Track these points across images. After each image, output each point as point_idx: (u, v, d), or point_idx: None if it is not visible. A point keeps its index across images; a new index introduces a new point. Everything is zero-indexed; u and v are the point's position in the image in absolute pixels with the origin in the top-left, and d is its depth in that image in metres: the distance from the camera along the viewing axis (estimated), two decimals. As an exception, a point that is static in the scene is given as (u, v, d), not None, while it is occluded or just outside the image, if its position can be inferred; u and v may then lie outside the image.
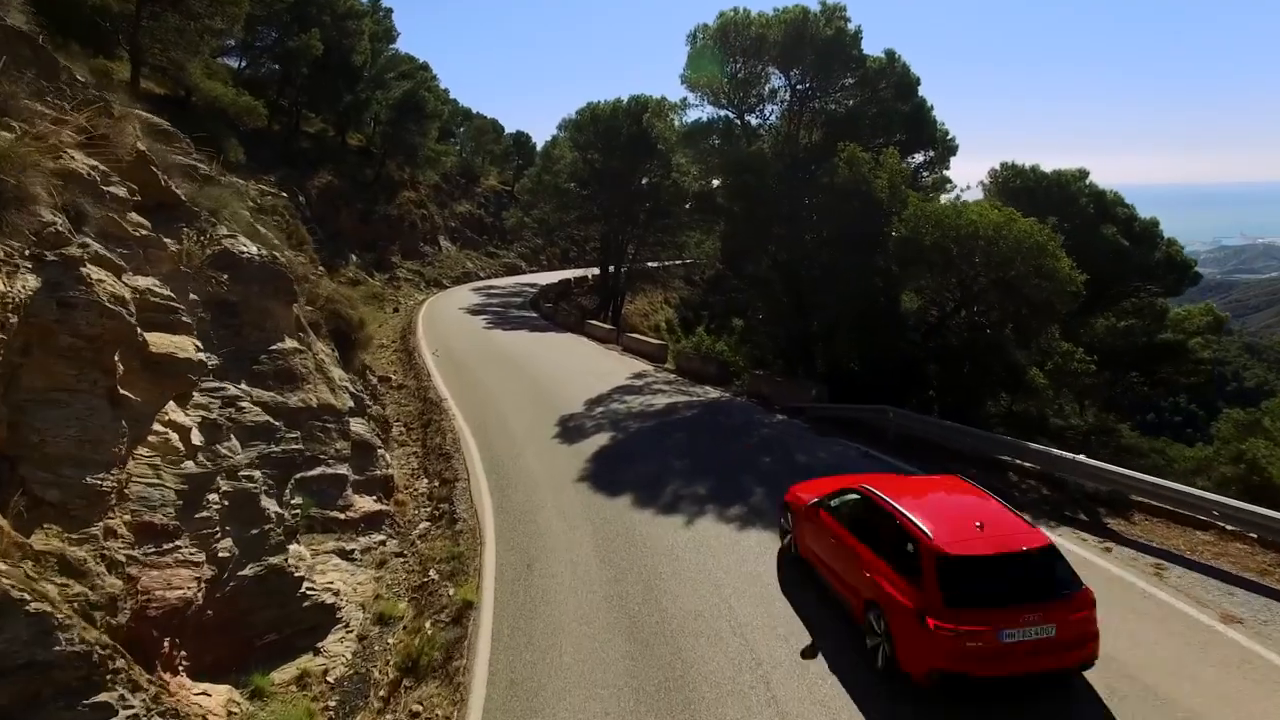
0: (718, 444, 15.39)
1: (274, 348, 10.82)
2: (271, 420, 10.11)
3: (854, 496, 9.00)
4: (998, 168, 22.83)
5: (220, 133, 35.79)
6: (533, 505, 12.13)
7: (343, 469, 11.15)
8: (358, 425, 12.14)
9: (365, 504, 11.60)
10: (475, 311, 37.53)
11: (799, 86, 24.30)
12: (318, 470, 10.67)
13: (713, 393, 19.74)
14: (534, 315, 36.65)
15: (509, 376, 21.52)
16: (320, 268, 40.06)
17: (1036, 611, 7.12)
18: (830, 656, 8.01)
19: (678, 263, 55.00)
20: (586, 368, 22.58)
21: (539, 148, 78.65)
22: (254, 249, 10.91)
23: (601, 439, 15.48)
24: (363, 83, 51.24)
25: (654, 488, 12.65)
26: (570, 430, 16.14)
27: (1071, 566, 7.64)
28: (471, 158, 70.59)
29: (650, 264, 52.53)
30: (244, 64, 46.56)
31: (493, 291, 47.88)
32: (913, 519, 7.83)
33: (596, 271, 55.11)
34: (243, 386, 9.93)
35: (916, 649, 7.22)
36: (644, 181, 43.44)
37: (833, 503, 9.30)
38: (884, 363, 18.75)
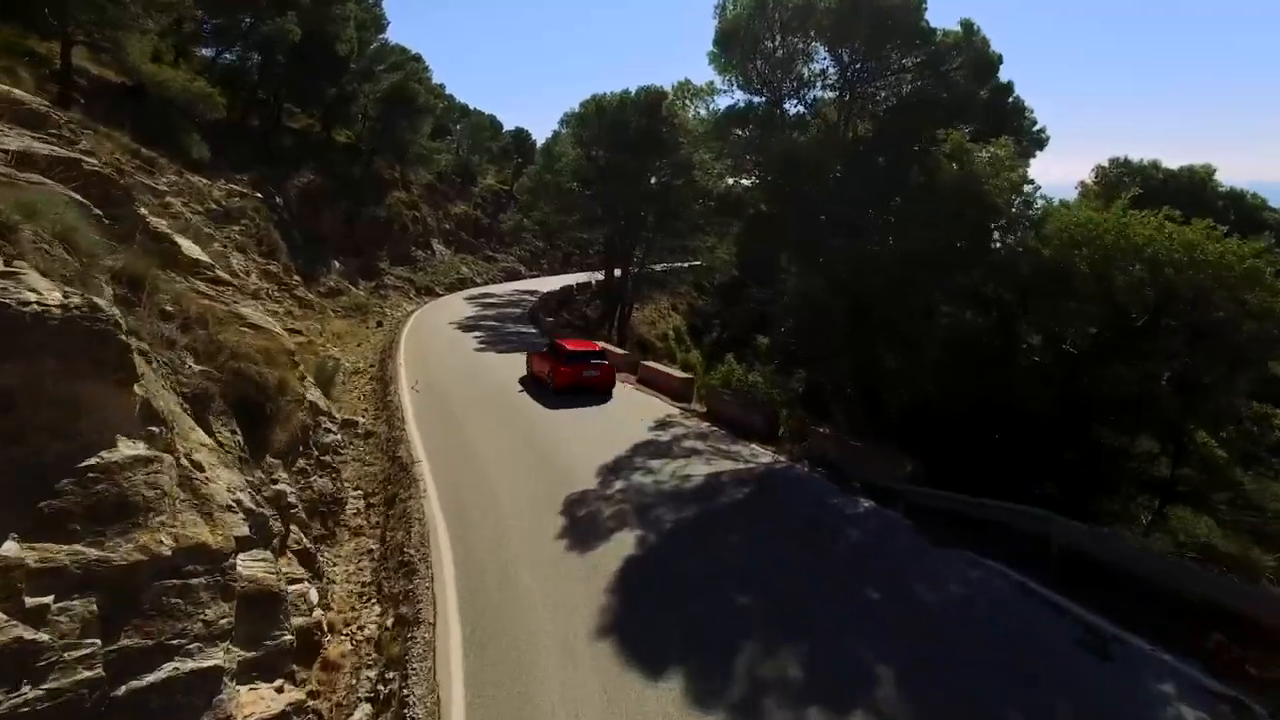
0: (792, 557, 10.61)
1: (90, 463, 6.34)
2: (68, 606, 5.62)
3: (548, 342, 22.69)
4: (1105, 164, 18.17)
5: (178, 125, 31.09)
6: (528, 690, 7.54)
7: (215, 655, 6.63)
8: (253, 565, 7.60)
9: (261, 702, 7.08)
10: (467, 327, 32.83)
11: (853, 66, 19.65)
12: (162, 672, 6.18)
13: (762, 455, 14.95)
14: (533, 332, 32.00)
15: (501, 422, 16.86)
16: (295, 277, 35.51)
17: (594, 368, 20.33)
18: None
19: (684, 265, 50.32)
20: (599, 414, 17.88)
21: (539, 145, 74.06)
22: (52, 295, 6.30)
23: (626, 542, 10.78)
24: (349, 74, 46.53)
25: (716, 660, 8.02)
26: (581, 524, 11.42)
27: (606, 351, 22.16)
28: (468, 156, 65.81)
29: (656, 266, 47.95)
30: (218, 52, 41.98)
31: (489, 301, 43.17)
32: (563, 345, 21.16)
33: (600, 276, 50.55)
34: (8, 545, 5.46)
35: (559, 380, 20.04)
36: (653, 181, 38.79)
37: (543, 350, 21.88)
38: (993, 422, 14.13)
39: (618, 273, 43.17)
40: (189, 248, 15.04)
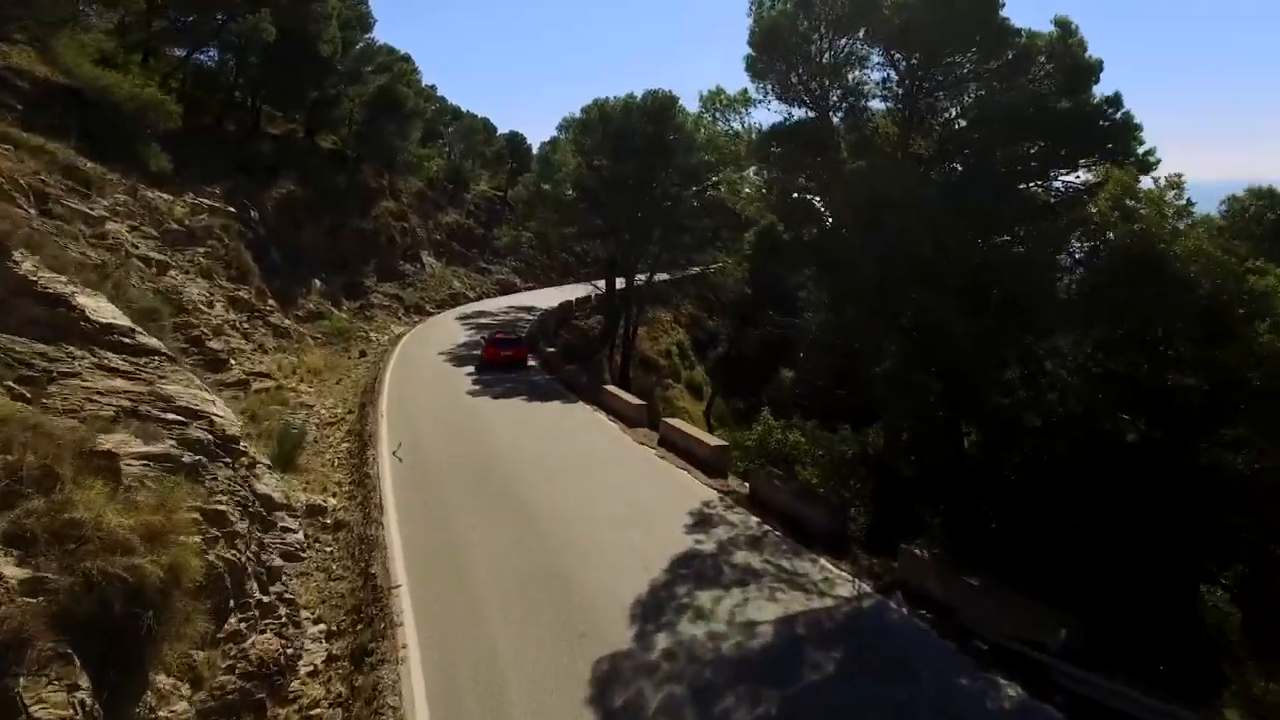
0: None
1: None
2: None
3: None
4: (1241, 195, 14.85)
5: (135, 135, 27.40)
6: None
7: None
8: None
9: None
10: (459, 358, 29.25)
11: (918, 73, 16.28)
12: None
13: (837, 579, 11.27)
14: (533, 365, 28.52)
15: (501, 524, 13.18)
16: (270, 301, 31.89)
17: (509, 349, 28.67)
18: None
19: (683, 275, 46.74)
20: (620, 500, 14.24)
21: (535, 150, 70.41)
22: None
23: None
24: (332, 76, 42.91)
25: None
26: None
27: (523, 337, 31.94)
28: (460, 161, 62.17)
29: (660, 277, 44.31)
30: (189, 52, 38.34)
31: (483, 323, 39.65)
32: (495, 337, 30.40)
33: (599, 286, 47.20)
34: None
35: (483, 358, 28.78)
36: (660, 191, 35.36)
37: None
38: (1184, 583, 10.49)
39: (620, 283, 39.75)
40: (98, 308, 11.54)
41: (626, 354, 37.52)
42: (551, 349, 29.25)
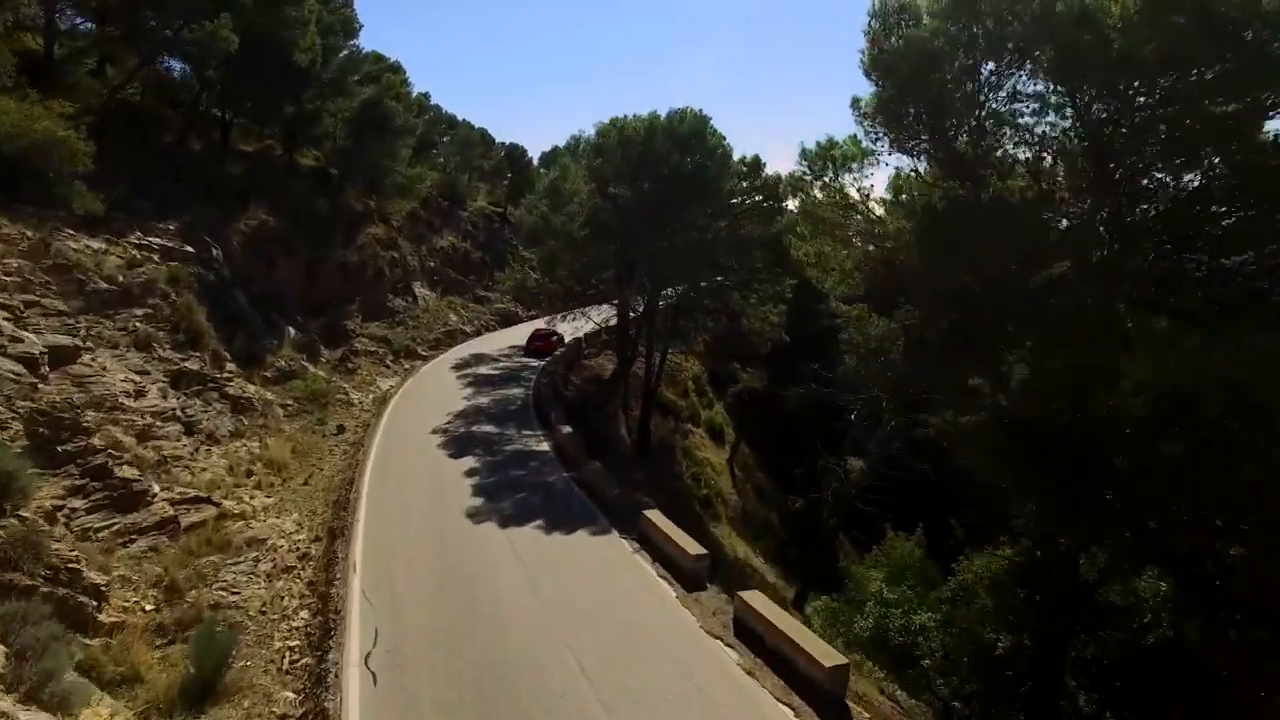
0: None
1: None
2: None
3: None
4: None
5: (50, 168, 21.92)
6: None
7: None
8: None
9: None
10: (457, 441, 23.82)
11: (1121, 119, 11.11)
12: None
13: None
14: (546, 449, 23.12)
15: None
16: (229, 366, 26.47)
17: (541, 341, 39.57)
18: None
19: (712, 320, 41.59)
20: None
21: (535, 161, 64.98)
22: None
23: None
24: (311, 89, 37.48)
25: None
26: None
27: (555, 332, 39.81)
28: (456, 175, 56.75)
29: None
30: (140, 63, 32.84)
31: (482, 374, 34.33)
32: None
33: (609, 312, 42.01)
34: None
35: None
36: (687, 223, 30.09)
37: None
38: None
39: (634, 311, 34.58)
40: None
41: (648, 409, 32.30)
42: (567, 428, 23.83)
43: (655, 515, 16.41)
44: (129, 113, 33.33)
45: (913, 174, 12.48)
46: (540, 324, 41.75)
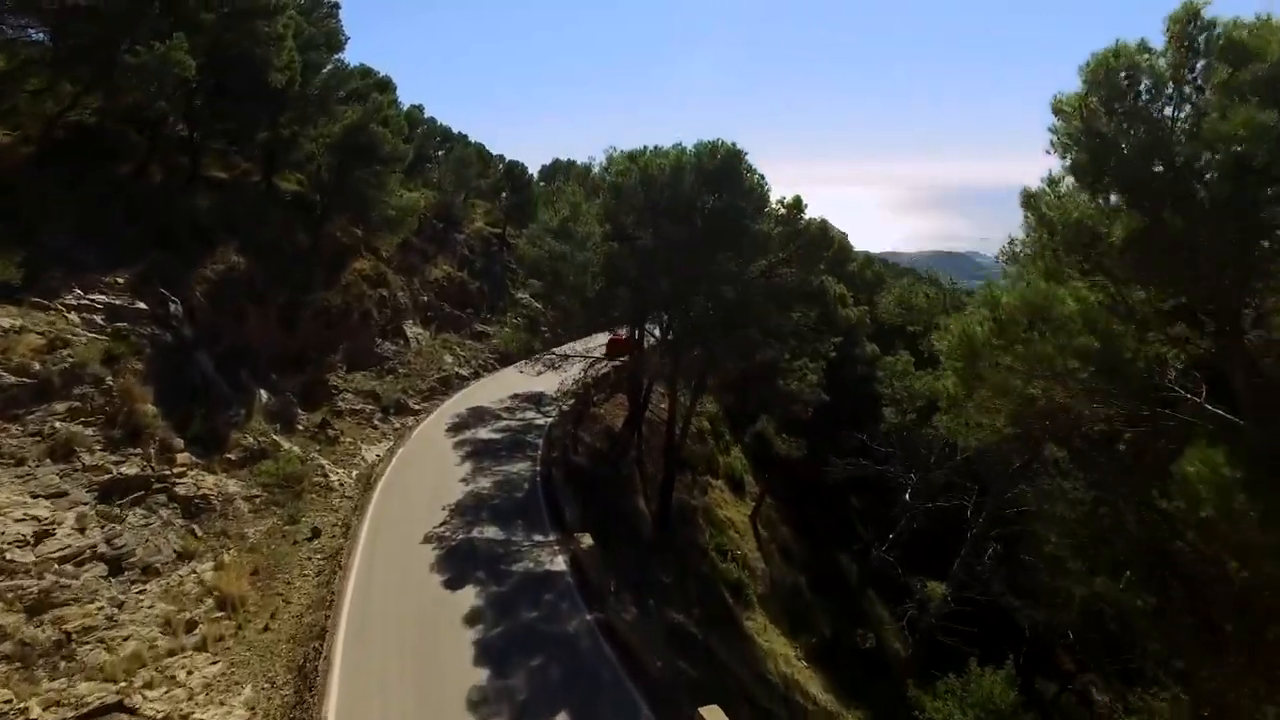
0: None
1: None
2: None
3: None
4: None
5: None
6: None
7: None
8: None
9: None
10: (453, 551, 19.62)
11: None
12: None
13: None
14: (563, 568, 18.90)
15: None
16: (179, 455, 22.07)
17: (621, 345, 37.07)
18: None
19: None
20: None
21: (535, 176, 60.89)
22: None
23: None
24: (291, 109, 33.27)
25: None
26: None
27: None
28: (452, 196, 52.45)
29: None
30: (85, 86, 28.53)
31: (481, 436, 30.14)
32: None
33: (616, 339, 38.03)
34: None
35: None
36: (719, 271, 25.93)
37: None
38: None
39: (648, 338, 30.64)
40: None
41: (670, 478, 28.17)
42: (587, 540, 19.58)
43: (712, 716, 12.27)
44: (82, 138, 29.11)
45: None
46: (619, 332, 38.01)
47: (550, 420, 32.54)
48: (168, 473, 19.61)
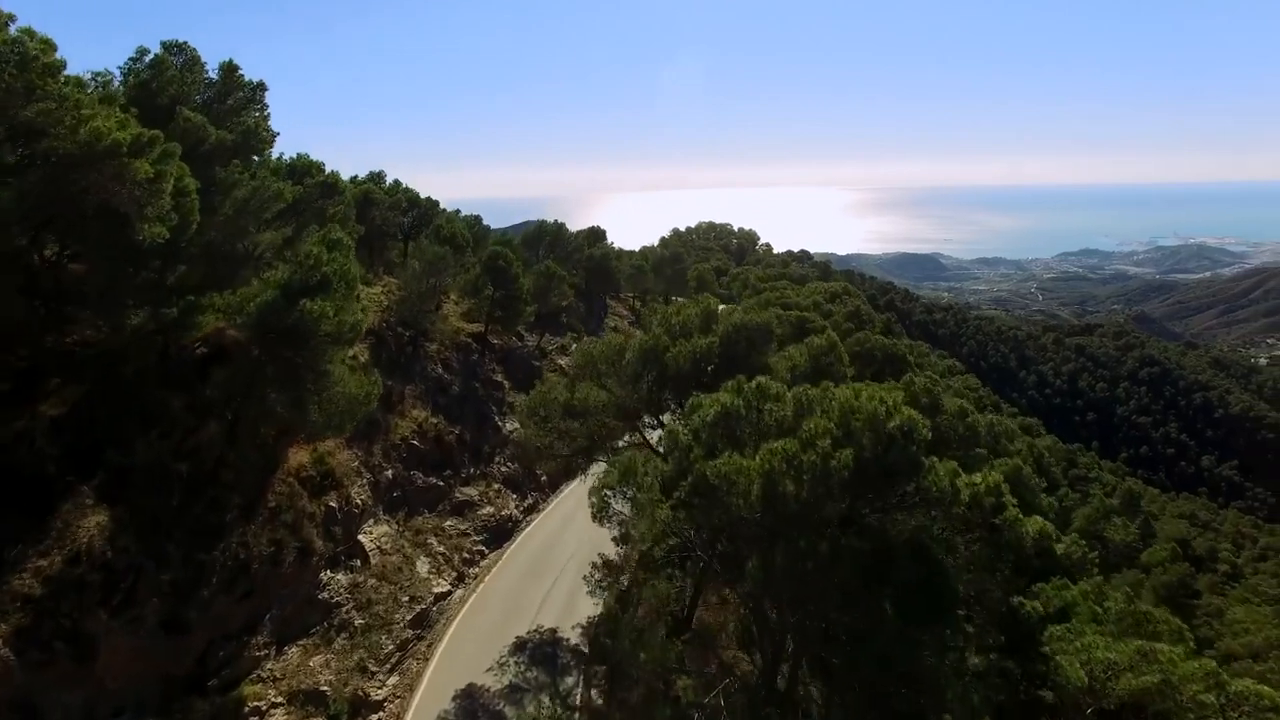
0: None
1: None
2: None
3: None
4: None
5: None
6: None
7: None
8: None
9: None
10: None
11: None
12: None
13: None
14: None
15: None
16: None
17: None
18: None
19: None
20: None
21: (517, 262, 50.26)
22: None
23: None
24: (184, 263, 22.54)
25: None
26: None
27: None
28: (422, 292, 41.31)
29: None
30: None
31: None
32: None
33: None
34: None
35: None
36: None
37: None
38: None
39: None
40: None
41: None
42: None
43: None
44: None
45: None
46: None
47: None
48: None
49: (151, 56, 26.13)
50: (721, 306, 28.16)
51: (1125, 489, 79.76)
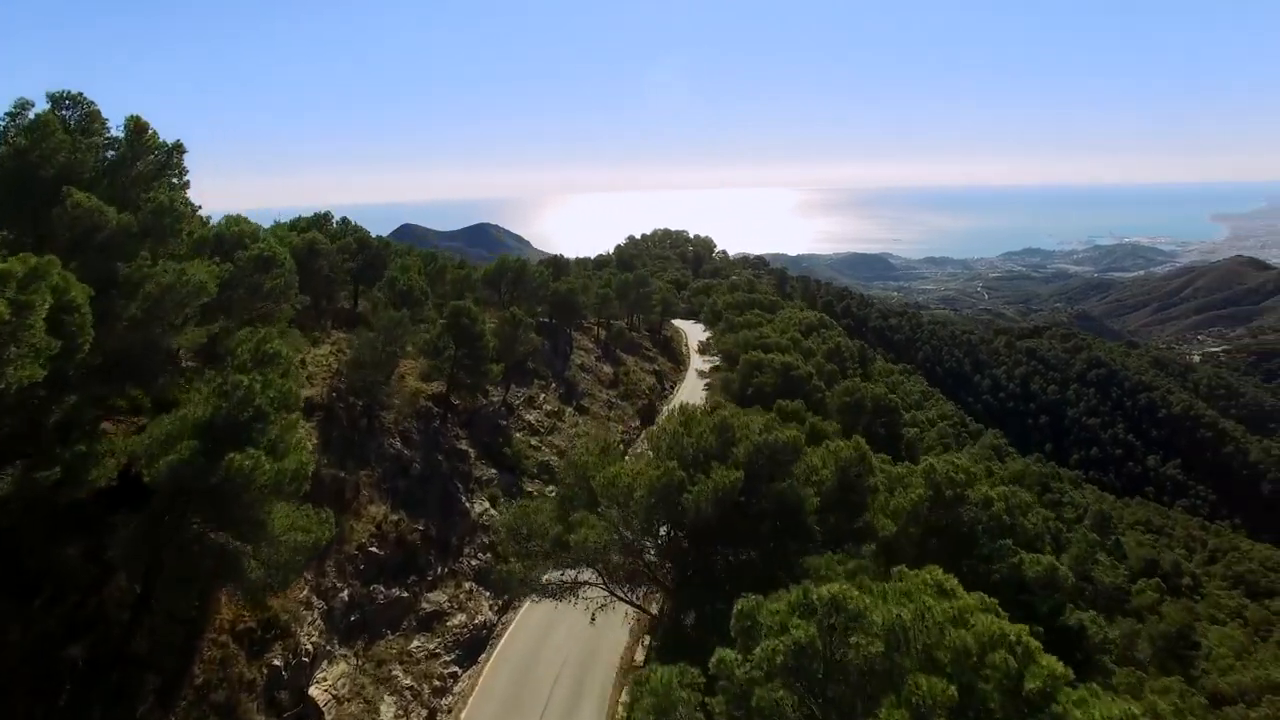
0: None
1: None
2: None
3: None
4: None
5: None
6: None
7: None
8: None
9: None
10: None
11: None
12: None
13: None
14: None
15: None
16: None
17: None
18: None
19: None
20: None
21: (478, 306, 45.93)
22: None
23: None
24: (63, 400, 17.66)
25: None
26: None
27: None
28: (372, 368, 36.51)
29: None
30: None
31: None
32: None
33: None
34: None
35: None
36: None
37: None
38: None
39: None
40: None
41: None
42: None
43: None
44: None
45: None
46: None
47: None
48: None
49: (35, 114, 21.13)
50: (727, 411, 24.38)
51: (1096, 511, 79.31)
